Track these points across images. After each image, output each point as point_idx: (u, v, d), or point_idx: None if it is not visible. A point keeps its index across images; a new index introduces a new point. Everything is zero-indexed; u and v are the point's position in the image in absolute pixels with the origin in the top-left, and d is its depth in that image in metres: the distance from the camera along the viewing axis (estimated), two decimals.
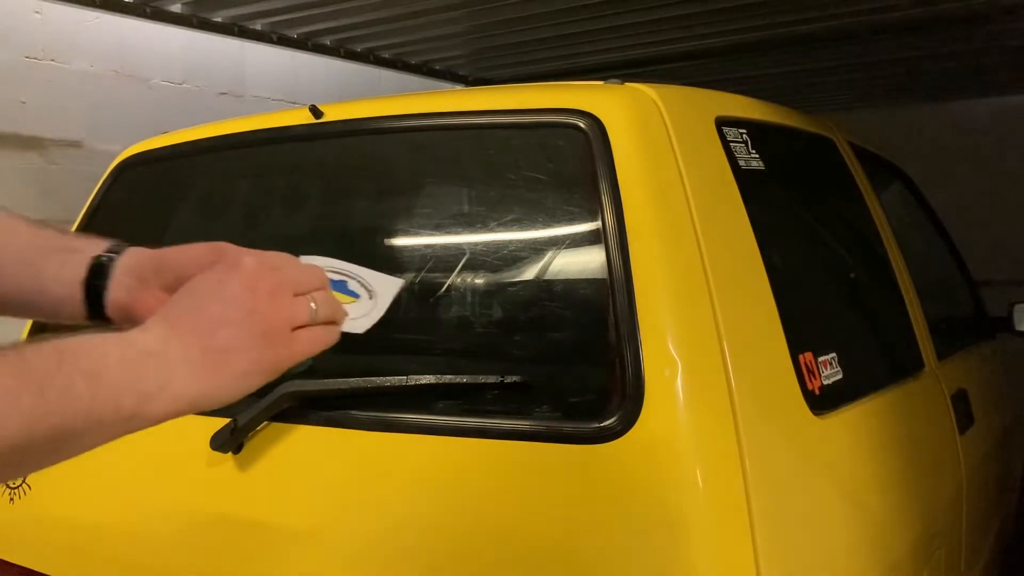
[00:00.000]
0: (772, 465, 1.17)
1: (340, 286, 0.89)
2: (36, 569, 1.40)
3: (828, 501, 1.31)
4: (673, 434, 1.09)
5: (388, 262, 1.49)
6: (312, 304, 0.76)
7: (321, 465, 1.28)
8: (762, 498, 1.11)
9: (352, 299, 0.89)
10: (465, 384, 1.23)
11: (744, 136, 1.45)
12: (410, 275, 1.39)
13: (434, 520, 1.18)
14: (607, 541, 1.07)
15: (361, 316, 0.87)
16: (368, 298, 0.90)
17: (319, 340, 0.77)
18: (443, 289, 1.34)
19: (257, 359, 0.73)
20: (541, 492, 1.14)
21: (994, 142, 4.95)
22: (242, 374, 0.72)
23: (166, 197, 1.81)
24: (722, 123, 1.42)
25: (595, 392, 1.20)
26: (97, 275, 0.83)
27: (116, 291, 0.83)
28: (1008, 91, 4.83)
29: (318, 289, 0.78)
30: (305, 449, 1.29)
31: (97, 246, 0.85)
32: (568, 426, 1.14)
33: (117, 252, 0.84)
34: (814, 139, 1.90)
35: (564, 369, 1.27)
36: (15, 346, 0.62)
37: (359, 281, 0.91)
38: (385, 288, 0.92)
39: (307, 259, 0.85)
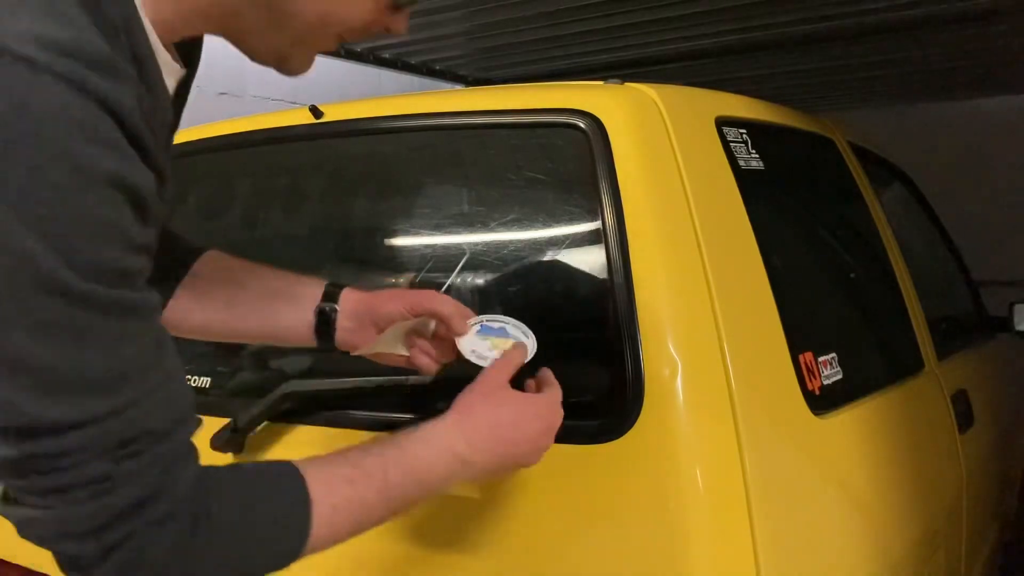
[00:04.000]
0: (772, 465, 1.17)
1: (502, 332, 1.09)
2: (37, 570, 1.40)
3: (828, 501, 1.31)
4: (673, 434, 1.09)
5: (388, 262, 1.49)
6: None
7: None
8: (762, 498, 1.11)
9: (511, 341, 1.08)
10: (465, 384, 1.23)
11: (744, 136, 1.45)
12: (410, 275, 1.39)
13: (432, 519, 1.18)
14: (606, 541, 1.07)
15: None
16: (525, 338, 1.09)
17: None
18: (443, 289, 1.34)
19: (516, 472, 1.07)
20: (540, 491, 1.14)
21: (994, 142, 4.94)
22: (501, 475, 1.07)
23: None
24: (722, 123, 1.42)
25: (595, 392, 1.20)
26: (324, 323, 1.09)
27: (340, 333, 1.10)
28: (1008, 91, 4.83)
29: None
30: (305, 449, 1.28)
31: (315, 291, 1.10)
32: (568, 426, 1.14)
33: (335, 300, 1.09)
34: (814, 139, 1.90)
35: (564, 369, 1.26)
36: (385, 458, 0.88)
37: (514, 325, 1.10)
38: (527, 332, 1.10)
39: (474, 320, 1.08)
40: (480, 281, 1.33)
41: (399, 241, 1.52)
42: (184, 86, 0.87)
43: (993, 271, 3.46)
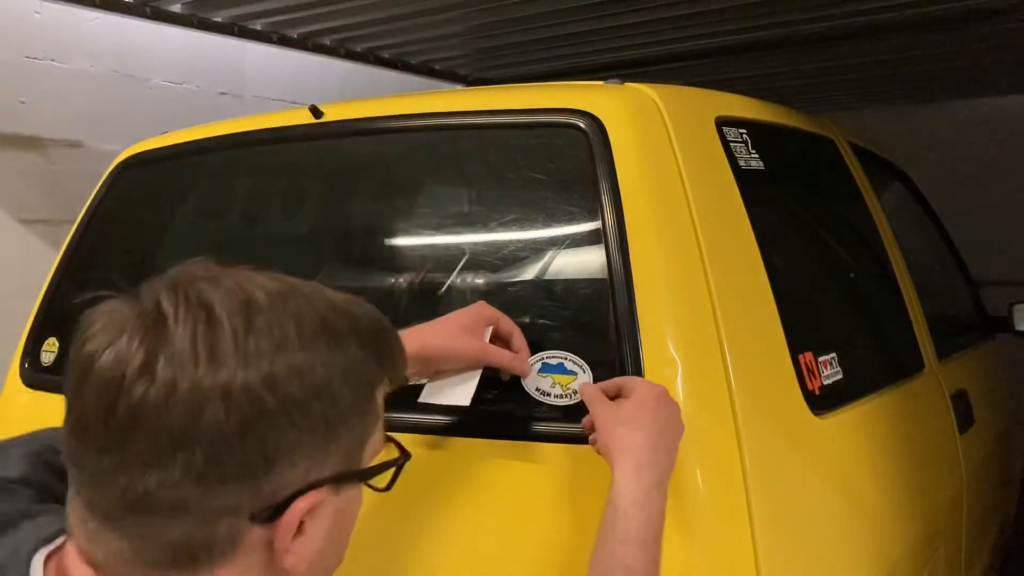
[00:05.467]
0: (772, 465, 1.17)
1: (560, 368, 1.14)
2: None
3: (828, 501, 1.31)
4: None
5: (388, 262, 1.49)
6: None
7: None
8: (762, 498, 1.11)
9: (573, 377, 1.13)
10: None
11: (744, 136, 1.45)
12: (410, 275, 1.39)
13: (431, 519, 1.18)
14: None
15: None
16: (583, 372, 1.13)
17: None
18: (443, 289, 1.34)
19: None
20: (541, 492, 1.14)
21: (994, 142, 4.94)
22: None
23: (166, 197, 1.81)
24: (722, 123, 1.42)
25: None
26: None
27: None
28: (1008, 91, 4.82)
29: None
30: None
31: None
32: (568, 426, 1.14)
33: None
34: (814, 139, 1.90)
35: None
36: (626, 554, 0.95)
37: (571, 360, 1.14)
38: (583, 365, 1.14)
39: (534, 359, 1.16)
40: (480, 281, 1.33)
41: (399, 241, 1.52)
42: None
43: (993, 271, 3.46)
